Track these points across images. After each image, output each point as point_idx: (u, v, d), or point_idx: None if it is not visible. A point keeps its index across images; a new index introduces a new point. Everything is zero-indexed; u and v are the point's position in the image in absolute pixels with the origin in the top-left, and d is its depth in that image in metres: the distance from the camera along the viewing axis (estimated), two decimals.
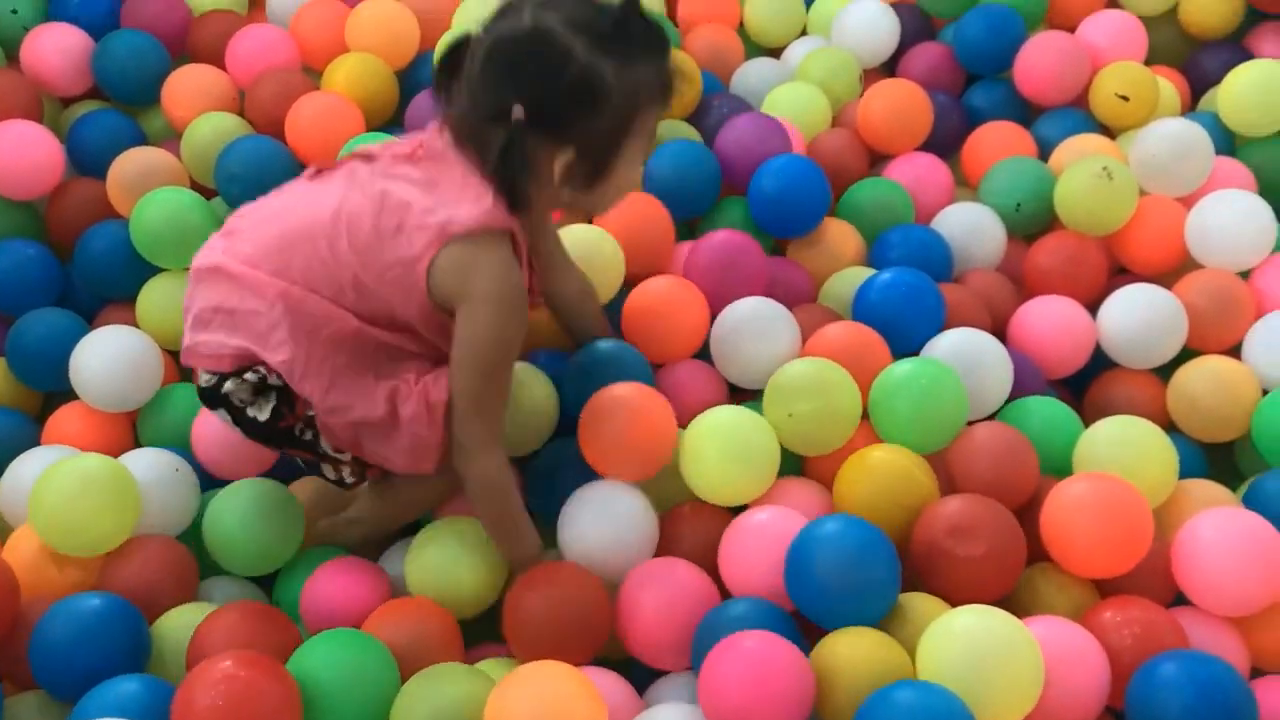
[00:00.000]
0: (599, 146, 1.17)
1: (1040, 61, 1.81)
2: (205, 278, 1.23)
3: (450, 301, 1.17)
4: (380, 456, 1.25)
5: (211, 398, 1.23)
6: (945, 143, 1.82)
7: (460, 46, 1.19)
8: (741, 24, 2.00)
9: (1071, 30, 1.87)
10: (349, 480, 1.32)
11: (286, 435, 1.26)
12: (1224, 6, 1.89)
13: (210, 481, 1.44)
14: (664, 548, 1.34)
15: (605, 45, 1.13)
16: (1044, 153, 1.78)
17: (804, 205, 1.64)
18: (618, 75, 1.13)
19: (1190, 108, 1.88)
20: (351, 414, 1.21)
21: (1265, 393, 1.49)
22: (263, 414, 1.22)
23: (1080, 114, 1.82)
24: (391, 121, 1.81)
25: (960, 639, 1.12)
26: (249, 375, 1.20)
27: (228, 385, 1.21)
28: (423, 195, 1.18)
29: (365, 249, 1.17)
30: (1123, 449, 1.35)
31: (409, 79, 1.85)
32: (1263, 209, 1.59)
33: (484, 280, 1.16)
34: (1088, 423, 1.42)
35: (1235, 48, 1.91)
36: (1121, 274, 1.69)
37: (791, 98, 1.81)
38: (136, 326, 1.56)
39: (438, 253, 1.15)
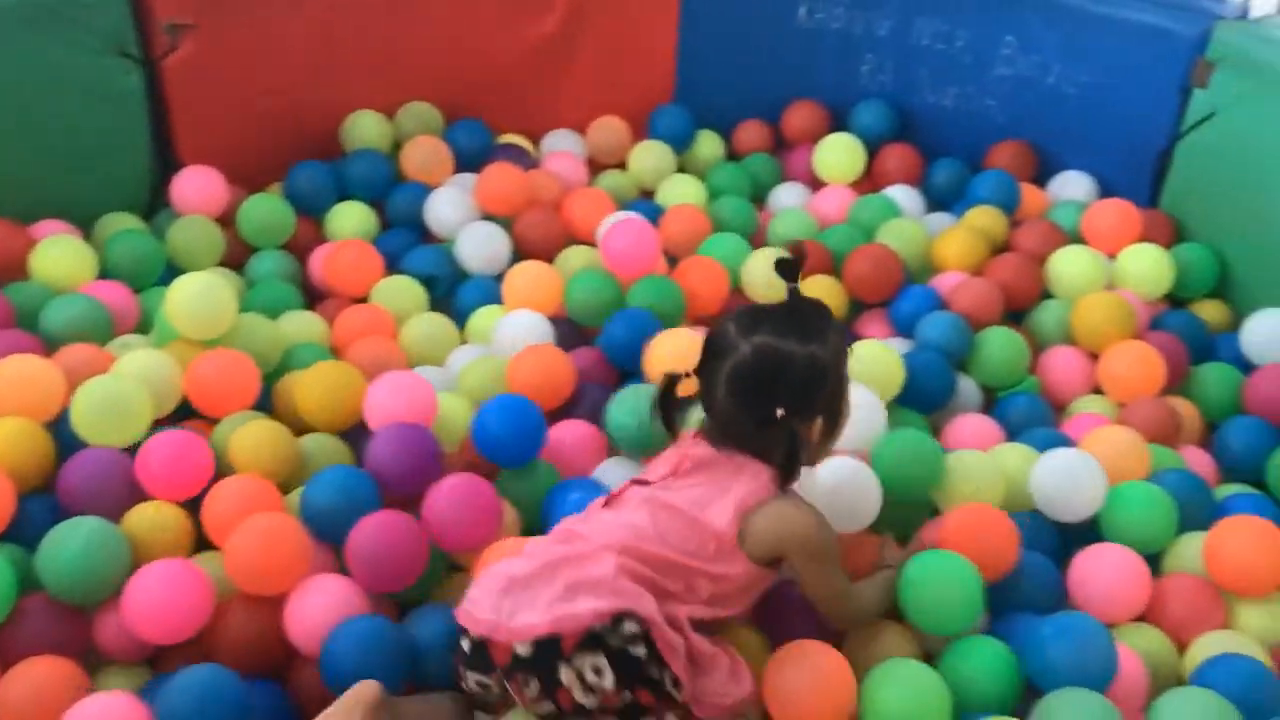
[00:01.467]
0: (834, 406, 1.49)
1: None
2: None
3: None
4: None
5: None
6: None
7: (671, 386, 1.52)
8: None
9: None
10: None
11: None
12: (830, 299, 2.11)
13: None
14: None
15: (800, 334, 1.43)
16: None
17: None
18: (824, 350, 1.44)
19: None
20: None
21: None
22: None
23: None
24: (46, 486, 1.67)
25: None
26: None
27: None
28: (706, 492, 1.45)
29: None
30: None
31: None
32: None
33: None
34: None
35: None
36: None
37: (452, 407, 1.84)
38: None
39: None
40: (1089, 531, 1.73)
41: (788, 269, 1.51)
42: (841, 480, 1.63)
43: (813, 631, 1.52)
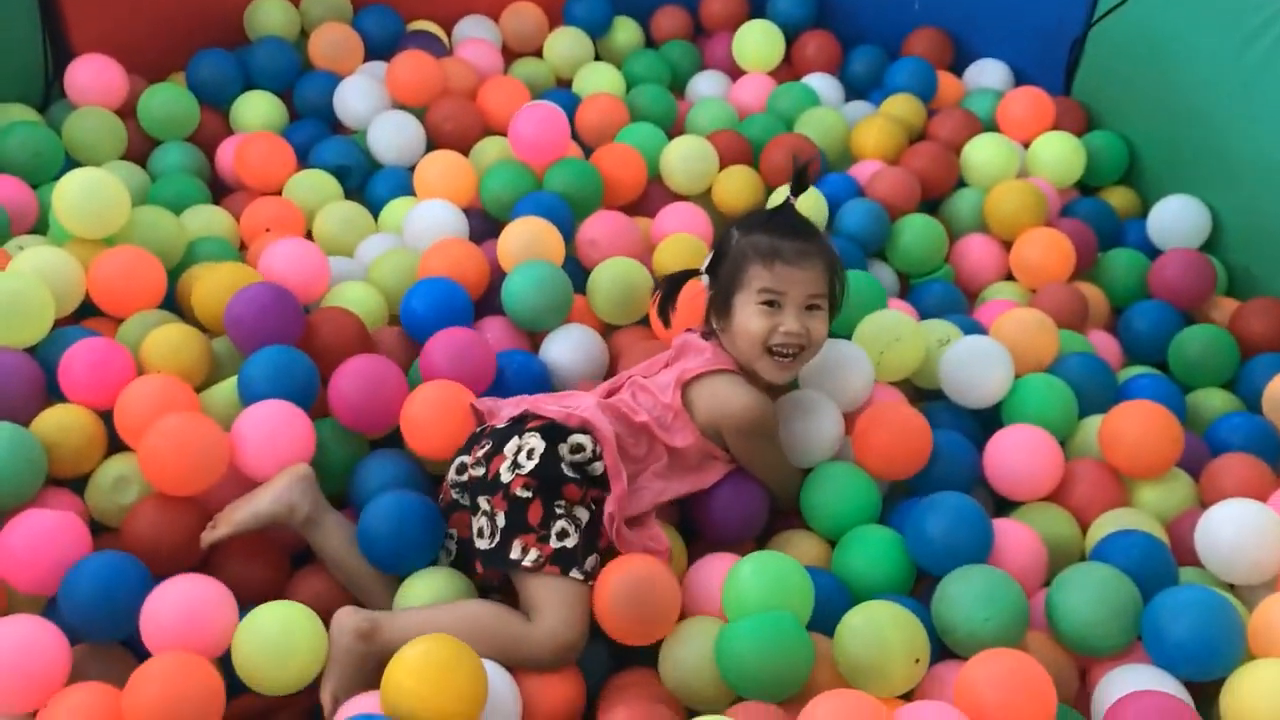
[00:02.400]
0: (721, 290, 1.60)
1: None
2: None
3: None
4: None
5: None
6: None
7: (678, 283, 1.71)
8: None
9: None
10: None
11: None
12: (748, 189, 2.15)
13: None
14: None
15: (742, 222, 1.61)
16: None
17: None
18: (737, 239, 1.59)
19: None
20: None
21: None
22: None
23: None
24: None
25: None
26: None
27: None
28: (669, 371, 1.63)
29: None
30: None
31: None
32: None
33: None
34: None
35: None
36: None
37: (360, 296, 1.87)
38: None
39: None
40: (994, 422, 1.77)
41: (797, 180, 1.66)
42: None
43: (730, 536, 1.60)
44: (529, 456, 1.48)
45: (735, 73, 2.53)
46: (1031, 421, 1.72)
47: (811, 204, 2.02)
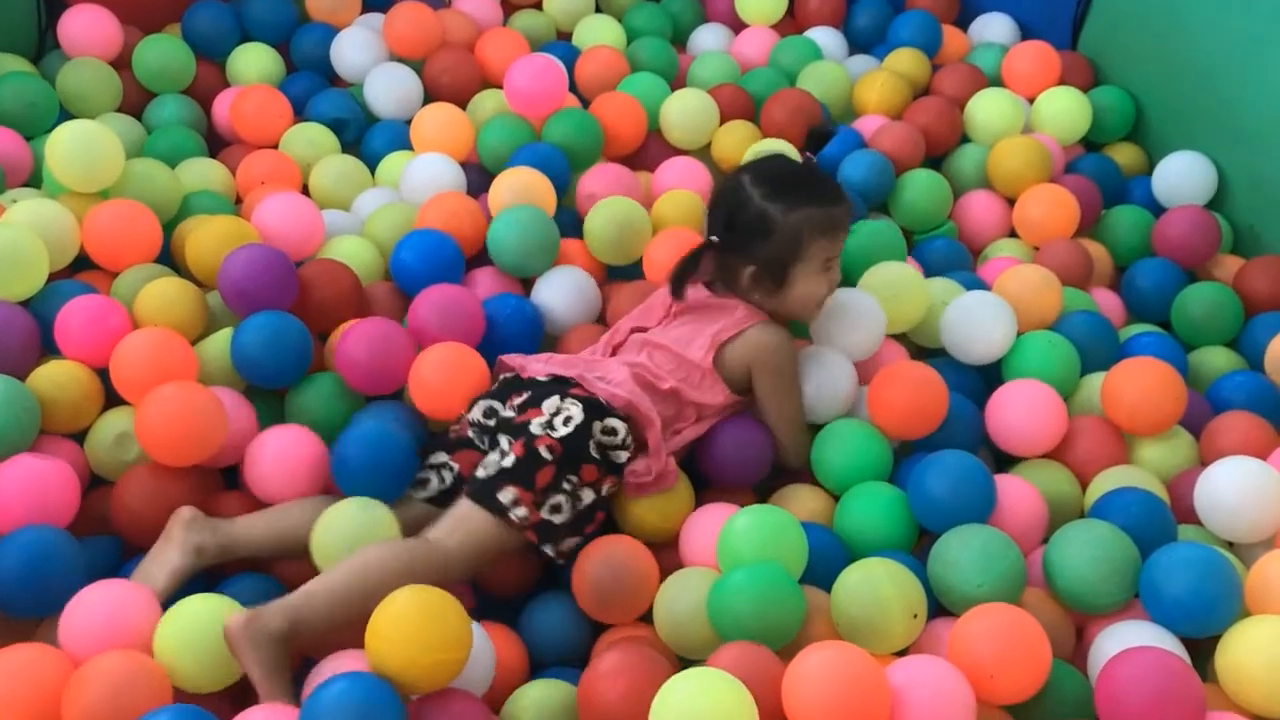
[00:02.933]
0: (776, 266, 1.60)
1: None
2: None
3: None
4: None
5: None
6: None
7: (699, 254, 1.66)
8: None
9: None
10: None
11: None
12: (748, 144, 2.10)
13: None
14: None
15: (778, 194, 1.59)
16: None
17: None
18: (784, 213, 1.58)
19: None
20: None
21: None
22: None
23: None
24: None
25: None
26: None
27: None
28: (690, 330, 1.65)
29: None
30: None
31: None
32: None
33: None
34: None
35: None
36: None
37: (354, 249, 1.86)
38: None
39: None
40: (995, 380, 1.76)
41: (813, 139, 1.72)
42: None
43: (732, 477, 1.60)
44: (565, 423, 1.49)
45: (738, 26, 2.50)
46: (1033, 378, 1.71)
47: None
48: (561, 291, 1.83)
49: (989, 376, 1.78)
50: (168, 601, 1.36)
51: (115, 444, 1.55)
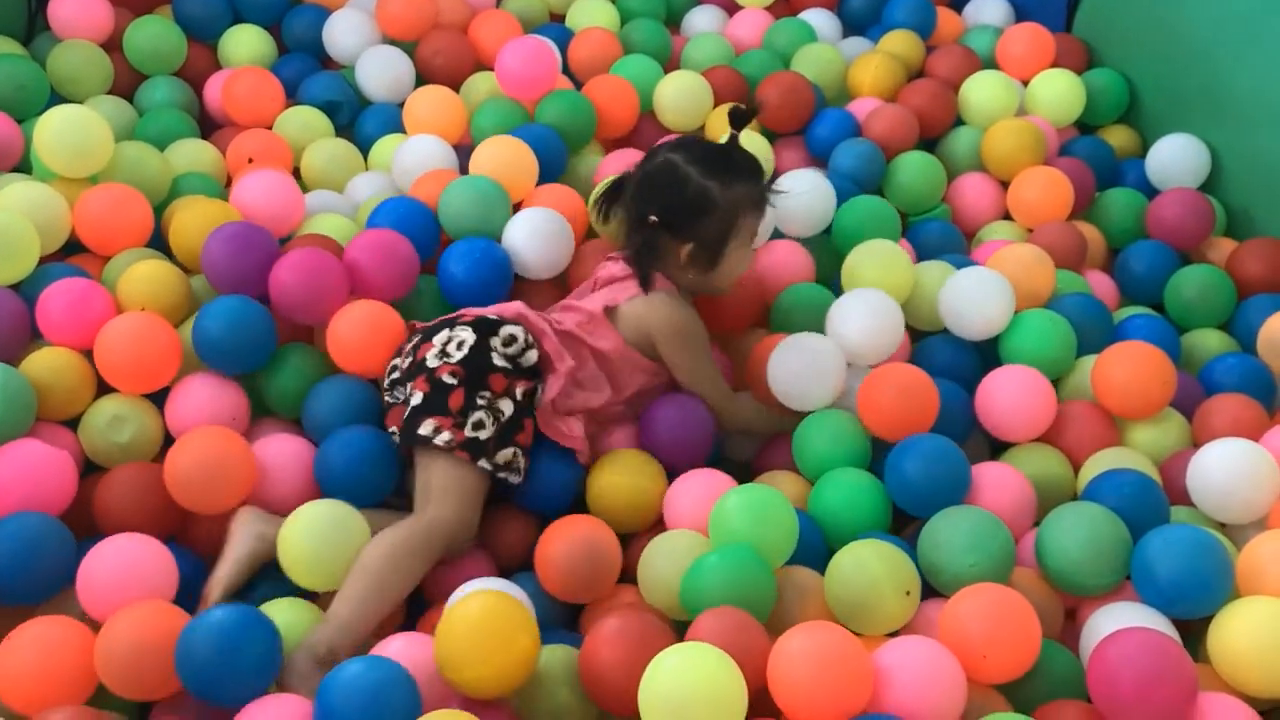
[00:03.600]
0: (713, 245, 1.64)
1: None
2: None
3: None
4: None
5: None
6: None
7: (616, 186, 1.74)
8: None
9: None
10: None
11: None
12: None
13: None
14: None
15: (714, 171, 1.62)
16: None
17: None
18: (722, 191, 1.61)
19: None
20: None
21: None
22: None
23: None
24: None
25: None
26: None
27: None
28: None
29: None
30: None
31: None
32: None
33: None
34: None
35: None
36: None
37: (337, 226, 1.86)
38: None
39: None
40: (992, 358, 1.77)
41: (737, 117, 1.71)
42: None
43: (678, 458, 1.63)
44: (458, 347, 1.54)
45: (731, 8, 2.49)
46: (1030, 357, 1.71)
47: (758, 145, 2.00)
48: (529, 231, 1.81)
49: (985, 355, 1.78)
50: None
51: (109, 426, 1.55)
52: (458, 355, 1.53)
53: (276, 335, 1.66)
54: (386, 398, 1.60)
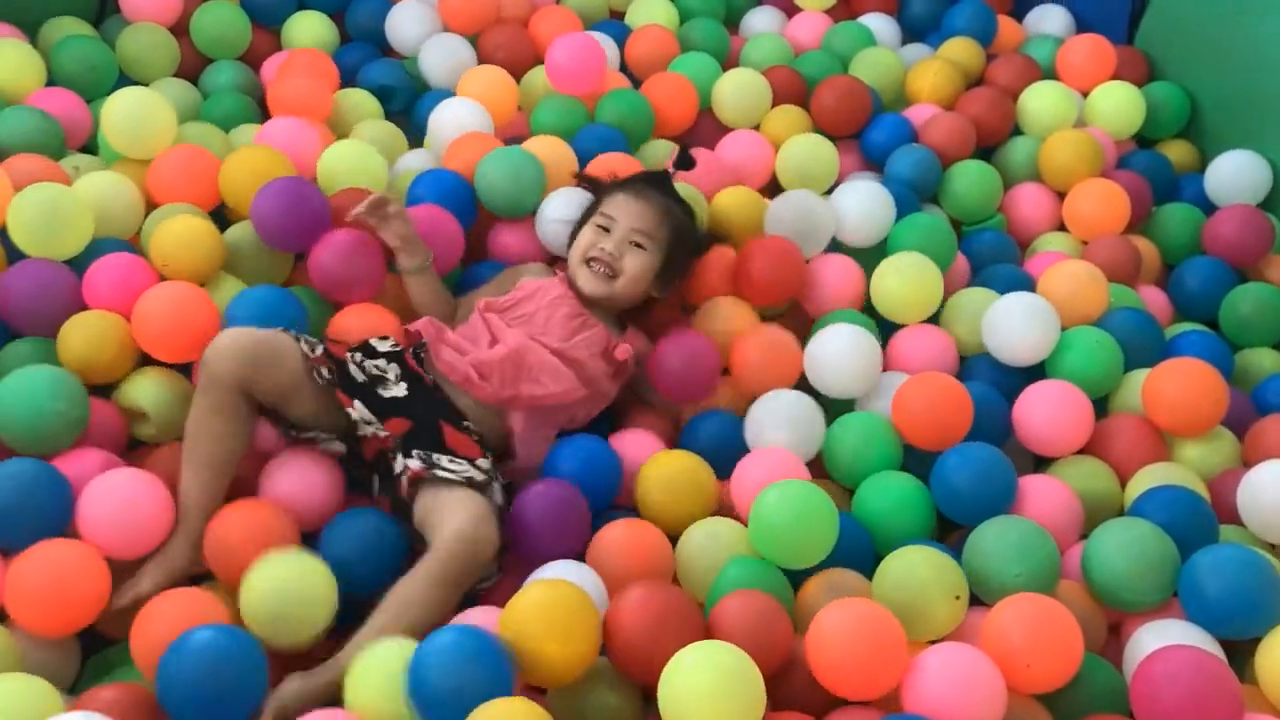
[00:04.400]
0: (581, 221, 1.81)
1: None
2: None
3: None
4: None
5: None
6: None
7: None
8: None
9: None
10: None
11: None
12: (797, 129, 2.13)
13: None
14: None
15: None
16: None
17: None
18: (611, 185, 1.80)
19: None
20: None
21: None
22: None
23: None
24: None
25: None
26: None
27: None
28: None
29: None
30: None
31: None
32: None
33: None
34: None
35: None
36: None
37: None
38: None
39: None
40: (1038, 375, 1.76)
41: (681, 158, 1.84)
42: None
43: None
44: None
45: (791, 10, 2.49)
46: (1075, 375, 1.70)
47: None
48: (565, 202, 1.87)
49: (1030, 371, 1.78)
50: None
51: (133, 421, 1.58)
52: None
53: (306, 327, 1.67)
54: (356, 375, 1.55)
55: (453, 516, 1.37)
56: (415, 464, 1.46)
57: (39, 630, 1.34)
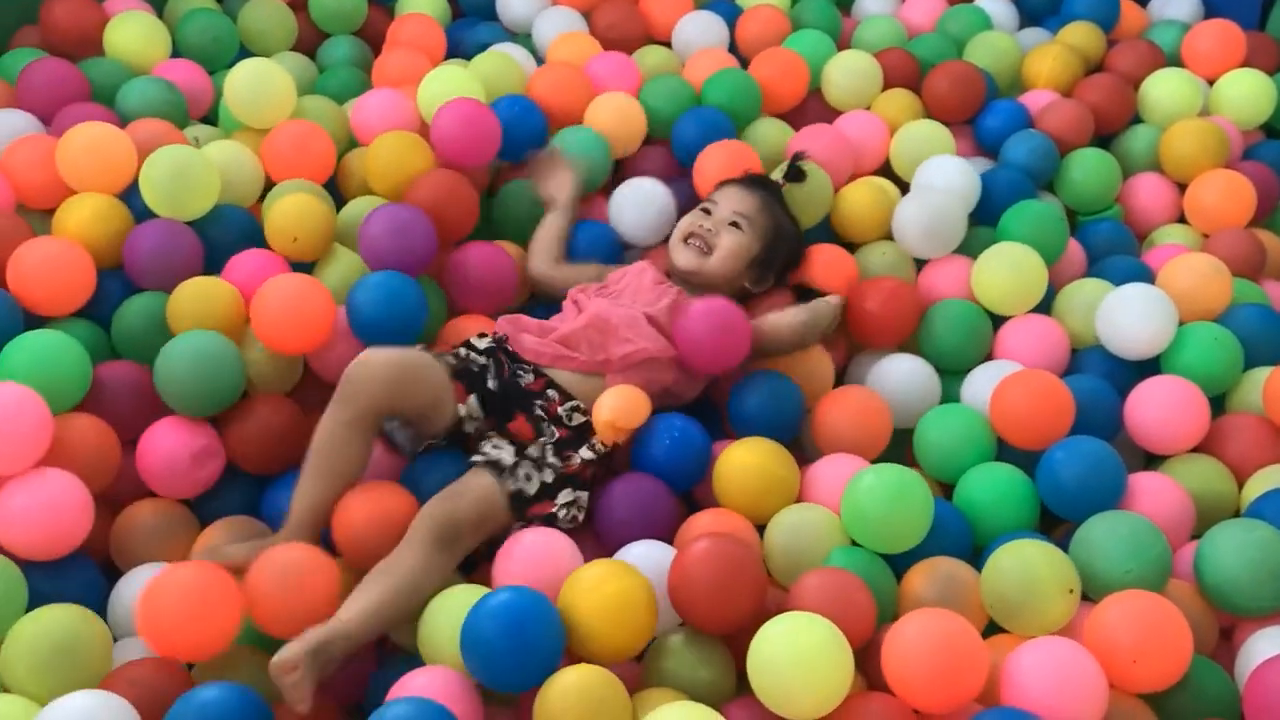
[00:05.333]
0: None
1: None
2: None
3: None
4: None
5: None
6: None
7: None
8: None
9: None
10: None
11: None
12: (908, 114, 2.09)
13: None
14: None
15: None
16: None
17: None
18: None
19: None
20: None
21: None
22: None
23: None
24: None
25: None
26: None
27: None
28: None
29: None
30: None
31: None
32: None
33: None
34: None
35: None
36: None
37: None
38: None
39: None
40: (1152, 371, 1.71)
41: (792, 171, 1.88)
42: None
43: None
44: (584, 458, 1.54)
45: None
46: (1192, 371, 1.65)
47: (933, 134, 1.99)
48: (635, 201, 1.92)
49: (1144, 366, 1.73)
50: None
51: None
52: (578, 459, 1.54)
53: (427, 310, 1.70)
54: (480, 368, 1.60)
55: (448, 488, 1.46)
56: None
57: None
